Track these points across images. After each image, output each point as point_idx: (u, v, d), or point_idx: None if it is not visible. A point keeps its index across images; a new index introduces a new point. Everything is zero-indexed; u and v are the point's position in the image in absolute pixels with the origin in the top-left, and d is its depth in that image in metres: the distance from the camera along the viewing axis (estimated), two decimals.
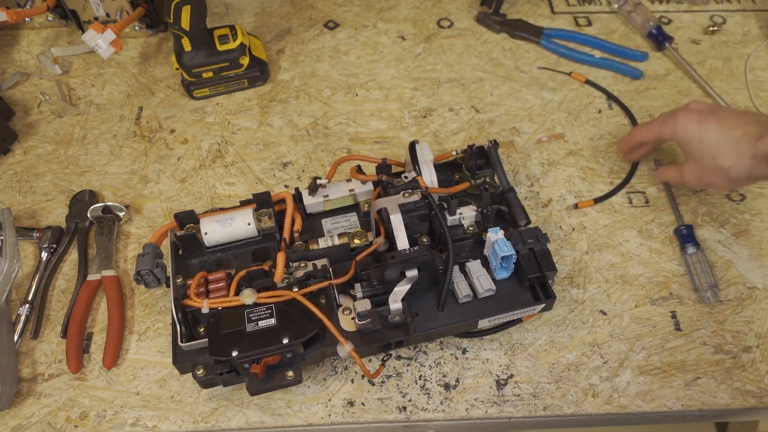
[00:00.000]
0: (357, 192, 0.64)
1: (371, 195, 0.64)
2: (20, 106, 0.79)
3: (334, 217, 0.65)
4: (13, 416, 0.56)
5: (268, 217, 0.60)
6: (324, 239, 0.59)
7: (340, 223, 0.64)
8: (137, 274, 0.56)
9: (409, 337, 0.55)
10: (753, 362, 0.58)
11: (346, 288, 0.57)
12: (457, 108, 0.79)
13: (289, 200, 0.62)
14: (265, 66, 0.81)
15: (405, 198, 0.57)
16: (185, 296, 0.55)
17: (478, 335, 0.60)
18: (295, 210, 0.61)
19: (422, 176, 0.60)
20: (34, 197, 0.71)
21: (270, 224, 0.60)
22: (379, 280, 0.54)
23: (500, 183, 0.63)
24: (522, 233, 0.57)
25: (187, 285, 0.56)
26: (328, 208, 0.64)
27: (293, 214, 0.61)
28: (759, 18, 0.89)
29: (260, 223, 0.60)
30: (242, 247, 0.61)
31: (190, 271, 0.59)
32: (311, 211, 0.64)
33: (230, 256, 0.61)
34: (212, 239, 0.59)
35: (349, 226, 0.64)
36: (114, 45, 0.74)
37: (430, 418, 0.56)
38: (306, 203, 0.63)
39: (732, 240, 0.66)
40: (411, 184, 0.58)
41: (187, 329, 0.54)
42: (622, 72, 0.82)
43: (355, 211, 0.65)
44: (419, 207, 0.57)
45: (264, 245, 0.61)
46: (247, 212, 0.59)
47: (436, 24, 0.89)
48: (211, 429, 0.55)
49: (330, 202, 0.64)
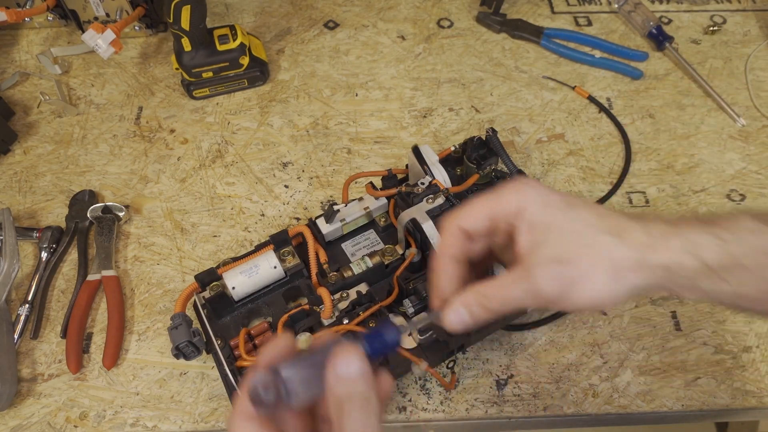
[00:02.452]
0: (372, 208, 0.62)
1: (386, 209, 0.63)
2: (20, 106, 0.79)
3: (353, 239, 0.63)
4: (12, 416, 0.56)
5: (292, 256, 0.58)
6: (356, 264, 0.57)
7: (361, 244, 0.63)
8: (176, 349, 0.53)
9: (470, 338, 0.55)
10: (753, 362, 0.58)
11: (393, 307, 0.56)
12: (457, 108, 0.79)
13: (308, 233, 0.60)
14: (265, 66, 0.81)
15: (429, 204, 0.57)
16: (234, 358, 0.53)
17: (528, 327, 0.60)
18: (315, 242, 0.60)
19: (436, 178, 0.60)
20: (34, 197, 0.71)
21: (295, 262, 0.58)
22: (427, 290, 0.54)
23: (508, 168, 0.63)
24: None
25: (232, 346, 0.54)
26: (345, 231, 0.63)
27: (315, 247, 0.59)
28: (759, 18, 0.89)
29: (285, 263, 0.58)
30: (271, 292, 0.59)
31: (223, 330, 0.57)
32: (330, 239, 0.62)
33: (261, 305, 0.58)
34: (241, 292, 0.57)
35: (371, 244, 0.63)
36: (114, 45, 0.74)
37: (430, 418, 0.56)
38: (324, 232, 0.61)
39: None
40: (431, 189, 0.58)
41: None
42: (622, 72, 0.82)
43: (372, 228, 0.64)
44: (445, 209, 0.56)
45: (293, 284, 0.59)
46: (270, 255, 0.57)
47: (436, 24, 0.89)
48: (211, 429, 0.55)
49: (347, 225, 0.62)
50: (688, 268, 0.33)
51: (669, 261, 0.33)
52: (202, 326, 0.57)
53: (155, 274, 0.65)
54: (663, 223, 0.34)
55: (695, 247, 0.33)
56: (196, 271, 0.61)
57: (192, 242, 0.67)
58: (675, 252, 0.33)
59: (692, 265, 0.33)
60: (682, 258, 0.33)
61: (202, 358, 0.58)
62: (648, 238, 0.34)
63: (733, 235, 0.33)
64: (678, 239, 0.33)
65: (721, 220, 0.34)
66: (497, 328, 0.59)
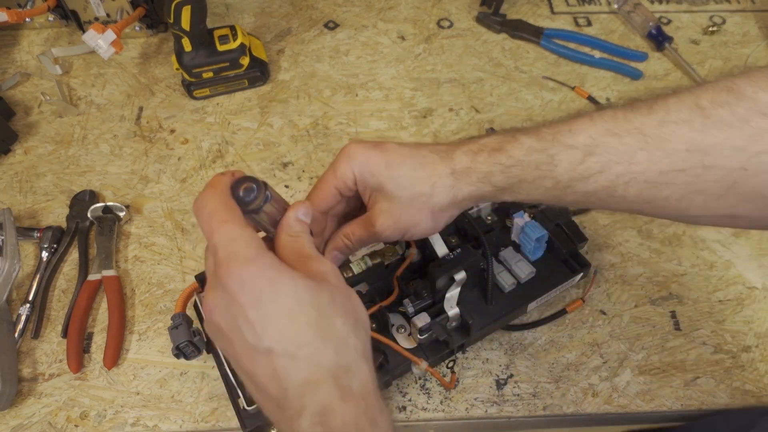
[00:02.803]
0: None
1: None
2: (21, 106, 0.80)
3: None
4: (13, 416, 0.56)
5: None
6: (356, 263, 0.57)
7: None
8: (176, 348, 0.53)
9: (470, 338, 0.55)
10: (752, 362, 0.59)
11: (392, 307, 0.56)
12: (457, 108, 0.79)
13: None
14: (265, 66, 0.81)
15: None
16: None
17: (528, 327, 0.60)
18: None
19: None
20: (35, 197, 0.71)
21: None
22: (427, 290, 0.54)
23: None
24: (544, 212, 0.60)
25: None
26: None
27: None
28: (758, 18, 0.89)
29: None
30: None
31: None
32: None
33: None
34: None
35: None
36: (114, 45, 0.74)
37: (430, 417, 0.56)
38: None
39: (732, 240, 0.67)
40: None
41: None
42: (622, 72, 0.82)
43: None
44: None
45: None
46: None
47: (436, 24, 0.89)
48: (212, 429, 0.55)
49: None
50: (487, 192, 0.44)
51: (471, 193, 0.44)
52: (202, 326, 0.57)
53: (156, 274, 0.65)
54: (467, 157, 0.44)
55: (487, 176, 0.43)
56: (197, 271, 0.61)
57: (192, 242, 0.67)
58: (473, 184, 0.44)
59: (489, 189, 0.44)
60: (479, 188, 0.44)
61: (203, 357, 0.58)
62: (453, 180, 0.44)
63: (513, 158, 0.42)
64: (474, 174, 0.43)
65: (507, 145, 0.43)
66: (497, 327, 0.59)
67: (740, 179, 0.37)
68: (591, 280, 0.63)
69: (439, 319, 0.53)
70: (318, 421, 0.33)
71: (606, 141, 0.40)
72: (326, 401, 0.33)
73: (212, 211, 0.37)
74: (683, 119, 0.38)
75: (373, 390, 0.36)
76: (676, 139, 0.38)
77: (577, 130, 0.41)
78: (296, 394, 0.34)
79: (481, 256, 0.55)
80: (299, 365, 0.34)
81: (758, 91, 0.37)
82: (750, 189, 0.38)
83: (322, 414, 0.33)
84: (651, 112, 0.40)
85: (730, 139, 0.37)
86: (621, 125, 0.40)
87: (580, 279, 0.61)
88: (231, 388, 0.53)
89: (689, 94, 0.39)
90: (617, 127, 0.40)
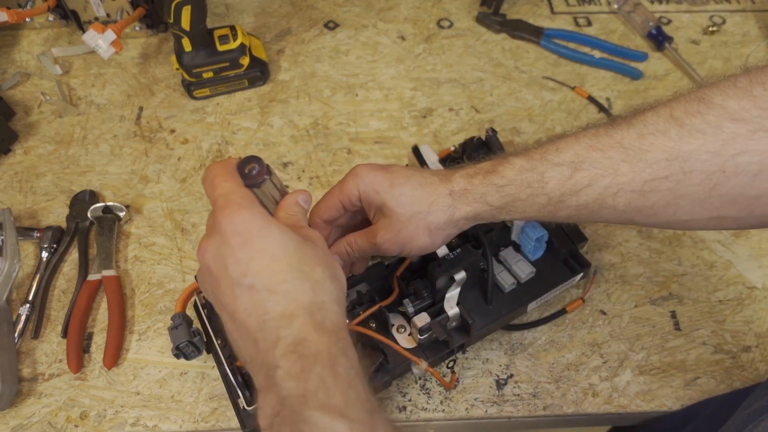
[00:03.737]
0: None
1: None
2: (21, 106, 0.80)
3: None
4: (13, 416, 0.56)
5: None
6: None
7: None
8: (176, 349, 0.54)
9: (470, 338, 0.55)
10: (752, 362, 0.59)
11: (392, 307, 0.56)
12: (457, 108, 0.79)
13: None
14: (265, 66, 0.81)
15: None
16: (234, 358, 0.53)
17: (528, 327, 0.60)
18: None
19: None
20: (35, 197, 0.71)
21: None
22: (427, 290, 0.54)
23: None
24: None
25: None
26: None
27: None
28: (758, 18, 0.89)
29: None
30: None
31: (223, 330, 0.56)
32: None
33: None
34: None
35: None
36: (114, 45, 0.74)
37: (430, 417, 0.56)
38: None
39: (731, 240, 0.67)
40: None
41: (248, 391, 0.51)
42: (621, 72, 0.82)
43: None
44: None
45: None
46: None
47: (436, 24, 0.89)
48: (212, 429, 0.55)
49: None
50: (483, 212, 0.47)
51: (468, 213, 0.47)
52: (202, 326, 0.57)
53: (156, 273, 0.65)
54: (464, 180, 0.47)
55: (483, 196, 0.46)
56: (197, 271, 0.61)
57: (192, 242, 0.67)
58: (470, 204, 0.47)
59: (485, 209, 0.47)
60: (476, 207, 0.47)
61: (203, 357, 0.58)
62: (451, 201, 0.47)
63: (505, 178, 0.45)
64: (471, 195, 0.46)
65: (500, 167, 0.46)
66: (497, 327, 0.59)
67: (720, 181, 0.40)
68: (591, 280, 0.63)
69: (439, 319, 0.53)
70: (292, 350, 0.36)
71: (591, 156, 0.43)
72: (300, 332, 0.37)
73: (216, 175, 0.41)
74: (660, 130, 0.41)
75: (344, 327, 0.39)
76: (654, 149, 0.41)
77: (563, 148, 0.44)
78: (273, 326, 0.37)
79: (481, 256, 0.55)
80: (277, 299, 0.37)
81: (726, 99, 0.40)
82: (731, 189, 0.40)
83: (296, 343, 0.36)
84: (630, 126, 0.43)
85: (705, 145, 0.40)
86: (603, 140, 0.43)
87: (580, 279, 0.61)
88: (231, 388, 0.53)
89: (664, 107, 0.42)
90: (600, 143, 0.43)
